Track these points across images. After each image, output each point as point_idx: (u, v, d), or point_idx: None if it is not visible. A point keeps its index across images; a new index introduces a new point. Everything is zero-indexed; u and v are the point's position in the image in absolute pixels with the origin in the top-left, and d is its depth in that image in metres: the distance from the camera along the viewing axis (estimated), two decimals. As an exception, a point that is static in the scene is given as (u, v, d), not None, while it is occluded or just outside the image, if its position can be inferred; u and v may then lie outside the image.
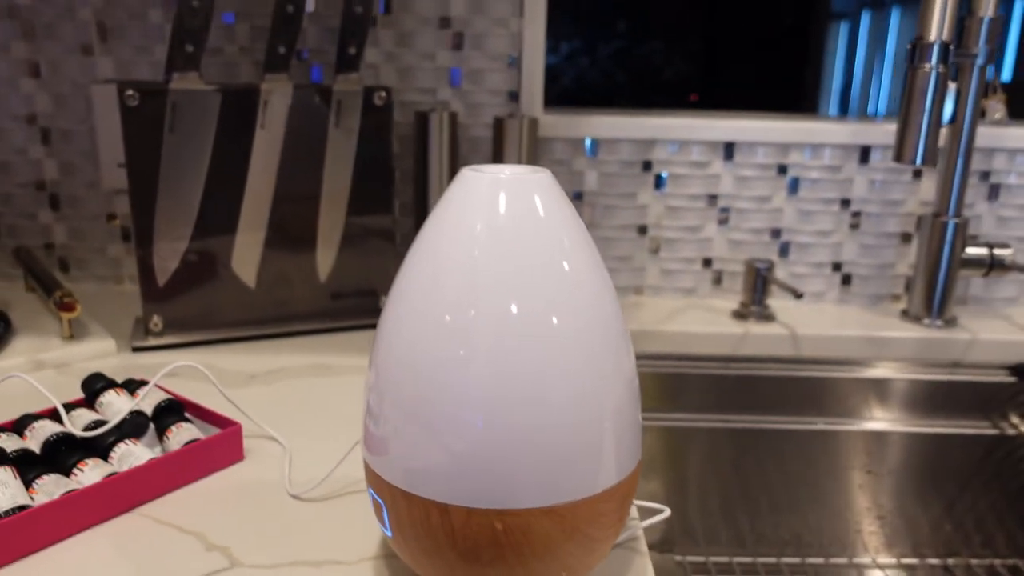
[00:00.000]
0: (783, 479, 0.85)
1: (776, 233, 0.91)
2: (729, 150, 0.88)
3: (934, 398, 0.83)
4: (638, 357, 0.85)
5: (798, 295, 0.80)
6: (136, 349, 0.72)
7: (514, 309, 0.35)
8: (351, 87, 0.75)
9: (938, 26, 0.60)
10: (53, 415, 0.51)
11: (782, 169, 0.89)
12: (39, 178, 0.88)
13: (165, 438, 0.51)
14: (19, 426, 0.51)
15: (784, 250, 0.91)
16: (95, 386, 0.55)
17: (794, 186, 0.89)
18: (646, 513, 0.46)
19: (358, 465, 0.52)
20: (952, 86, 0.61)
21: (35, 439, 0.49)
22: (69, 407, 0.53)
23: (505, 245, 0.36)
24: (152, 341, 0.73)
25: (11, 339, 0.71)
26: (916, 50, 0.61)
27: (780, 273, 0.92)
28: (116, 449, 0.49)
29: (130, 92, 0.68)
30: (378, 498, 0.37)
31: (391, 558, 0.43)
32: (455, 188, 0.38)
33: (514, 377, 0.34)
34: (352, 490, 0.50)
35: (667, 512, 0.45)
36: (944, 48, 0.60)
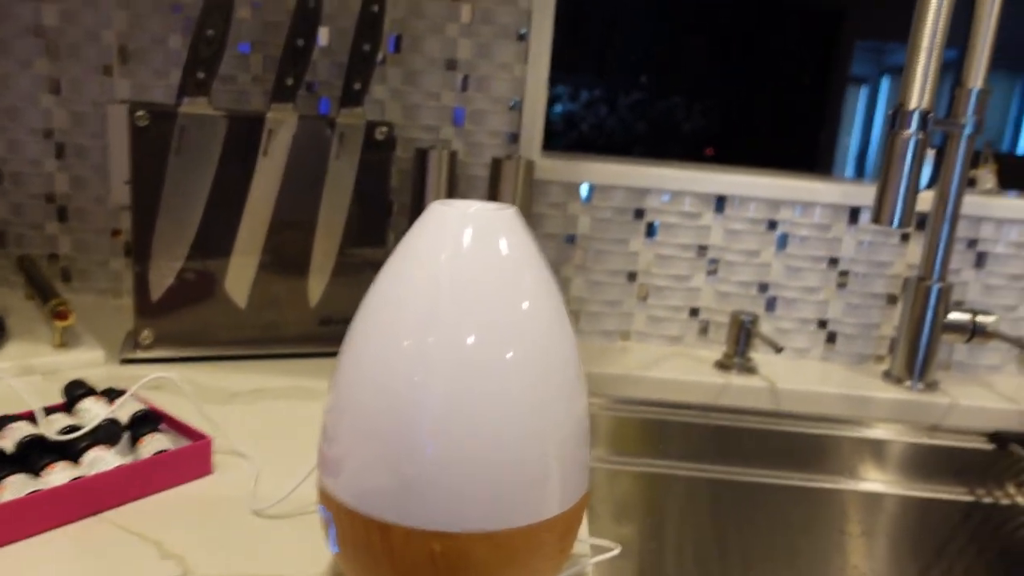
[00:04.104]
0: (757, 532, 0.84)
1: (763, 287, 0.92)
2: (720, 203, 0.90)
3: (912, 461, 0.83)
4: (622, 402, 0.86)
5: (778, 349, 0.81)
6: (124, 361, 0.74)
7: (471, 340, 0.36)
8: (354, 121, 0.78)
9: (919, 95, 0.62)
10: (31, 418, 0.53)
11: (772, 224, 0.90)
12: (50, 191, 0.91)
13: (138, 447, 0.53)
14: (-3, 426, 0.52)
15: (771, 304, 0.92)
16: (75, 392, 0.56)
17: (783, 242, 0.90)
18: (598, 550, 0.47)
19: (323, 486, 0.53)
20: (931, 152, 0.63)
21: (10, 439, 0.50)
22: (48, 411, 0.55)
23: (467, 277, 0.37)
24: (141, 354, 0.74)
25: (4, 344, 0.73)
26: (897, 116, 0.63)
27: (766, 327, 0.92)
28: (87, 454, 0.50)
29: (140, 113, 0.71)
30: (326, 514, 0.38)
31: (341, 578, 0.44)
32: (425, 219, 0.40)
33: (465, 404, 0.36)
34: (312, 510, 0.50)
35: (617, 550, 0.45)
36: (923, 116, 0.62)
